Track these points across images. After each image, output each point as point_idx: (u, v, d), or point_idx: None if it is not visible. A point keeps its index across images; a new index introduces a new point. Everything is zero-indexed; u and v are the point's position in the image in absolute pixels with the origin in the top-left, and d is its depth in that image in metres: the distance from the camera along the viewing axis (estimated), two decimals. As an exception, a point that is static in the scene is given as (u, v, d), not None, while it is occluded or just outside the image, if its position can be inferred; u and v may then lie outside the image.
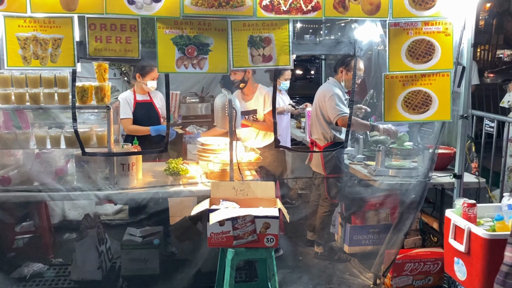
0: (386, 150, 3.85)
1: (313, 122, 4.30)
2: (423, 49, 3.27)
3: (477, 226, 2.56)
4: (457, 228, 2.66)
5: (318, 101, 4.21)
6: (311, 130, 4.37)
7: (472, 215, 2.63)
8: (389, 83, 3.35)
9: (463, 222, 2.61)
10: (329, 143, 4.16)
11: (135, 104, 4.25)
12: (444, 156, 3.89)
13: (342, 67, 4.17)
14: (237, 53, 3.08)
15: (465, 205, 2.64)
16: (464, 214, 2.64)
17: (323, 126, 4.18)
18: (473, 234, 2.53)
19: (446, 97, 3.32)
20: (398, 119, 3.43)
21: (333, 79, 4.26)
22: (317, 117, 4.22)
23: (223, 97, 3.48)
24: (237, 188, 3.19)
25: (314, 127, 4.29)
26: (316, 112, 4.24)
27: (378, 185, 3.69)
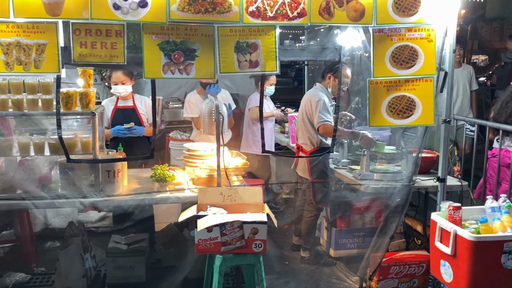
0: (371, 154, 3.89)
1: (299, 127, 4.32)
2: (407, 55, 3.30)
3: (462, 229, 2.60)
4: (443, 230, 2.69)
5: (305, 107, 4.23)
6: (297, 135, 4.39)
7: (457, 218, 2.67)
8: (373, 88, 3.37)
9: (449, 225, 2.64)
10: (315, 148, 4.18)
11: (114, 110, 4.17)
12: (427, 160, 3.94)
13: (330, 74, 4.19)
14: (224, 59, 3.07)
15: (451, 208, 2.68)
16: (450, 217, 2.68)
17: (309, 131, 4.19)
18: (459, 237, 2.57)
19: (429, 102, 3.36)
20: (382, 124, 3.45)
21: (320, 85, 4.28)
22: (304, 122, 4.23)
23: (209, 102, 3.46)
24: (225, 193, 3.17)
25: (300, 132, 4.30)
26: (302, 117, 4.26)
27: (364, 189, 3.72)
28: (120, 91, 4.11)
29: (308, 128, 4.20)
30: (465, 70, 5.98)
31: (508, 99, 3.95)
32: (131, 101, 4.25)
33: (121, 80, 4.09)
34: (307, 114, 4.19)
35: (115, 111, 4.18)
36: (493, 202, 2.79)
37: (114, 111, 4.18)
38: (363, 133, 3.97)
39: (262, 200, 3.19)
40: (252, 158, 5.07)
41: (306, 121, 4.20)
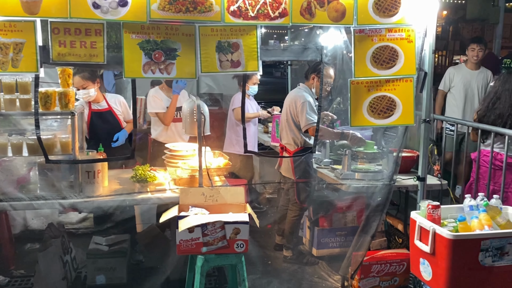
0: (352, 154, 3.91)
1: (283, 128, 4.32)
2: (387, 55, 3.32)
3: (441, 227, 2.63)
4: (422, 229, 2.72)
5: (289, 107, 4.23)
6: (281, 135, 4.39)
7: (436, 216, 2.70)
8: (354, 88, 3.39)
9: (428, 224, 2.67)
10: (299, 148, 4.19)
11: (89, 114, 4.08)
12: (408, 159, 3.98)
13: (314, 74, 4.21)
14: (205, 58, 3.06)
15: (430, 207, 2.71)
16: (429, 215, 2.71)
17: (293, 131, 4.20)
18: (437, 235, 2.60)
19: (410, 102, 3.39)
20: (364, 123, 3.46)
21: (304, 85, 4.29)
22: (288, 122, 4.24)
23: (191, 102, 3.45)
24: (207, 194, 3.16)
25: (284, 132, 4.31)
26: (286, 117, 4.26)
27: (345, 188, 3.74)
28: (81, 96, 3.96)
29: (292, 128, 4.20)
30: (482, 74, 5.44)
31: (494, 100, 4.00)
32: (105, 102, 4.17)
33: (80, 84, 3.95)
34: (291, 114, 4.19)
35: (90, 115, 4.09)
36: (471, 201, 2.83)
37: (90, 115, 4.09)
38: (352, 133, 4.01)
39: (244, 200, 3.19)
40: (235, 158, 5.07)
41: (291, 122, 4.20)
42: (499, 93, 3.97)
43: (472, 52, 5.34)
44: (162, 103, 4.39)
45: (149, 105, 4.46)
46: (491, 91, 4.14)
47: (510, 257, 2.56)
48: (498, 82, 4.03)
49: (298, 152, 4.15)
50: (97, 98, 4.10)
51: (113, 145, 4.01)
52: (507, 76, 4.00)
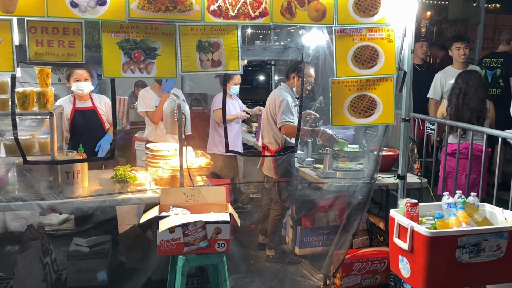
0: (334, 153, 3.94)
1: (265, 127, 4.34)
2: (368, 55, 3.34)
3: (419, 225, 2.66)
4: (401, 227, 2.75)
5: (269, 106, 4.25)
6: (263, 134, 4.41)
7: (414, 214, 2.73)
8: (336, 88, 3.41)
9: (406, 221, 2.70)
10: (280, 147, 4.21)
11: (73, 111, 4.07)
12: (388, 158, 4.02)
13: (294, 73, 4.23)
14: (186, 58, 3.05)
15: (408, 204, 2.74)
16: (407, 213, 2.74)
17: (274, 130, 4.22)
18: (415, 233, 2.63)
19: (390, 101, 3.42)
20: (345, 123, 3.48)
21: (284, 84, 4.31)
22: (268, 121, 4.26)
23: (172, 101, 3.44)
24: (188, 194, 3.16)
25: (266, 131, 4.32)
26: (267, 116, 4.28)
27: (327, 187, 3.76)
28: (83, 87, 4.00)
29: (272, 127, 4.22)
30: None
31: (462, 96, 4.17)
32: (90, 101, 4.15)
33: (84, 76, 4.00)
34: (271, 113, 4.22)
35: (74, 112, 4.08)
36: (449, 198, 2.87)
37: (73, 113, 4.08)
38: (323, 129, 4.02)
39: (225, 199, 3.19)
40: (218, 158, 5.07)
41: (271, 121, 4.22)
42: (464, 90, 4.30)
43: (457, 52, 5.15)
44: (151, 102, 4.41)
45: (139, 105, 4.49)
46: (454, 89, 4.42)
47: (486, 253, 2.60)
48: (460, 80, 4.37)
49: (280, 151, 4.17)
50: (84, 95, 4.08)
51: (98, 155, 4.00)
52: (469, 75, 4.36)
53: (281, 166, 4.16)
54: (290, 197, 4.23)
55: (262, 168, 4.42)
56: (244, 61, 3.38)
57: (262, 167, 4.40)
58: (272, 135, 4.23)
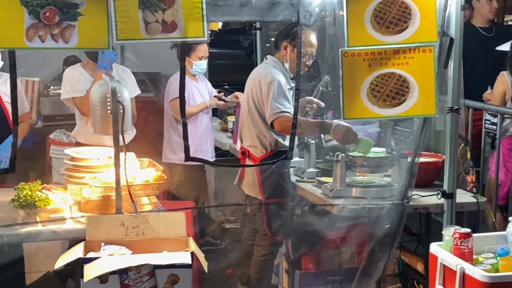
0: (348, 160, 3.94)
1: (245, 123, 4.31)
2: (395, 13, 3.37)
3: (473, 266, 2.66)
4: (446, 268, 2.75)
5: (252, 91, 4.21)
6: (242, 133, 4.38)
7: (466, 249, 2.73)
8: (349, 63, 3.43)
9: (455, 260, 2.70)
10: (269, 153, 4.19)
11: None
12: (429, 166, 4.03)
13: (286, 41, 4.19)
14: (123, 19, 3.07)
15: (456, 236, 2.74)
16: (456, 248, 2.74)
17: (259, 127, 4.19)
18: (468, 277, 2.62)
19: (429, 83, 3.45)
20: (362, 115, 3.52)
21: (273, 58, 4.29)
22: (250, 114, 4.22)
23: (102, 85, 3.44)
24: (128, 224, 3.18)
25: (247, 129, 4.29)
26: (248, 107, 4.24)
27: (338, 211, 3.76)
28: None
29: (257, 122, 4.19)
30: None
31: None
32: None
33: None
34: (255, 102, 4.18)
35: None
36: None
37: None
38: (336, 122, 4.00)
39: (185, 232, 3.21)
40: (177, 169, 5.05)
41: (254, 113, 4.19)
42: None
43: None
44: (80, 85, 4.43)
45: (63, 89, 4.52)
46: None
47: None
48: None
49: (267, 158, 4.14)
50: None
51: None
52: None
53: (269, 181, 4.14)
54: (283, 227, 4.21)
55: (241, 184, 4.39)
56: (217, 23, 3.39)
57: (242, 183, 4.38)
58: (256, 135, 4.20)
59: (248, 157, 4.29)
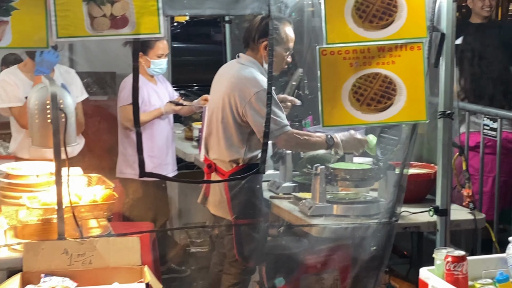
0: (328, 173, 3.94)
1: (213, 132, 4.25)
2: (379, 5, 3.38)
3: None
4: (438, 297, 2.75)
5: (230, 98, 4.12)
6: (208, 143, 4.33)
7: (460, 275, 2.71)
8: (328, 62, 3.43)
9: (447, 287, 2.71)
10: (239, 167, 4.16)
11: None
12: (420, 179, 4.07)
13: (265, 40, 4.11)
14: (65, 13, 3.05)
15: (449, 259, 2.73)
16: (448, 274, 2.72)
17: (232, 139, 4.14)
18: (463, 307, 2.63)
19: (418, 84, 3.46)
20: (344, 122, 3.52)
21: (248, 57, 4.23)
22: (224, 124, 4.15)
23: (41, 90, 3.39)
24: (72, 251, 3.12)
25: (215, 140, 4.25)
26: (223, 115, 4.16)
27: (317, 232, 3.76)
28: None
29: (231, 134, 4.13)
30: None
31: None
32: None
33: None
34: (233, 111, 4.08)
35: None
36: (520, 247, 2.89)
37: None
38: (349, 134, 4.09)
39: (139, 259, 3.17)
40: (132, 186, 5.04)
41: (230, 123, 4.11)
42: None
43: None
44: (18, 92, 4.45)
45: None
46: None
47: None
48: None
49: (238, 172, 4.12)
50: None
51: None
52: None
53: (239, 199, 4.12)
54: (256, 252, 4.19)
55: (206, 203, 4.37)
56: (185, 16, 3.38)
57: (207, 202, 4.36)
58: (228, 148, 4.15)
59: (215, 171, 4.27)
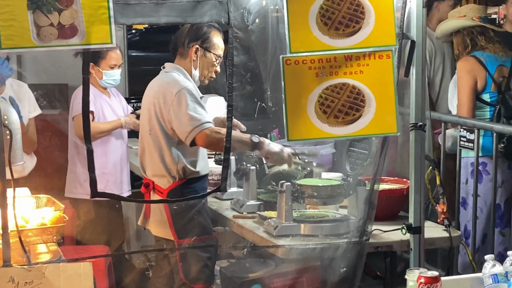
0: (295, 189, 3.94)
1: (145, 147, 4.29)
2: (346, 12, 3.40)
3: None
4: (411, 322, 2.76)
5: (155, 107, 4.17)
6: (143, 161, 4.34)
7: (433, 297, 2.75)
8: (292, 72, 3.45)
9: (420, 310, 2.71)
10: (178, 182, 4.17)
11: None
12: (392, 195, 4.09)
13: (195, 44, 4.21)
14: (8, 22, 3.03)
15: (422, 280, 2.73)
16: (421, 296, 2.76)
17: (163, 150, 4.17)
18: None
19: (388, 94, 3.48)
20: (310, 135, 3.53)
21: (174, 65, 4.31)
22: (153, 136, 4.20)
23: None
24: (19, 279, 3.09)
25: (148, 155, 4.28)
26: (150, 127, 4.21)
27: (284, 253, 3.76)
28: None
29: (161, 145, 4.15)
30: None
31: None
32: None
33: None
34: (159, 120, 4.13)
35: None
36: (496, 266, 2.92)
37: None
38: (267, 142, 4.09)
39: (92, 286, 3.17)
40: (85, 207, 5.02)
41: (158, 134, 4.15)
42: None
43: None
44: None
45: None
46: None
47: None
48: None
49: (177, 188, 4.16)
50: None
51: None
52: None
53: (183, 218, 4.15)
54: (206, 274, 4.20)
55: (147, 223, 4.37)
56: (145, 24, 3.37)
57: (147, 223, 4.36)
58: (161, 161, 4.17)
59: (153, 189, 4.27)
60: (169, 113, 4.09)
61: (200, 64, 4.26)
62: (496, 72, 5.10)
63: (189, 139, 4.03)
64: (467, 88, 5.04)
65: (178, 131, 4.07)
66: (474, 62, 5.09)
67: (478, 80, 5.07)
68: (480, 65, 5.08)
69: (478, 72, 5.07)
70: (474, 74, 5.07)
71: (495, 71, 5.10)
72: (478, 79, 5.07)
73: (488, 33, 5.18)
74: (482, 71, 5.07)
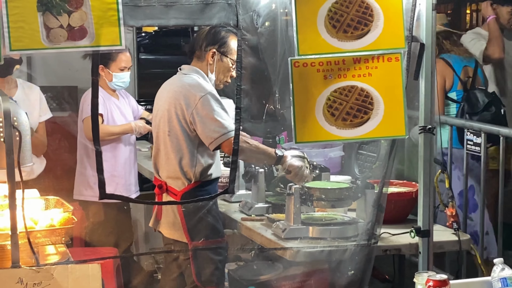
0: (303, 192, 3.94)
1: (161, 148, 4.25)
2: (354, 14, 3.41)
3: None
4: (419, 326, 2.76)
5: (176, 108, 4.14)
6: (157, 163, 4.29)
7: (441, 301, 2.74)
8: (300, 74, 3.45)
9: (429, 314, 2.71)
10: (192, 185, 4.14)
11: None
12: (400, 198, 4.08)
13: (213, 48, 4.18)
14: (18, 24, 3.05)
15: (430, 284, 2.73)
16: (430, 300, 2.75)
17: (183, 152, 4.13)
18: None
19: (397, 97, 3.49)
20: (318, 138, 3.53)
21: (191, 67, 4.26)
22: (172, 137, 4.16)
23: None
24: (28, 280, 3.09)
25: (163, 156, 4.23)
26: (169, 127, 4.17)
27: (292, 256, 3.76)
28: None
29: (180, 147, 4.12)
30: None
31: None
32: None
33: None
34: (180, 121, 4.09)
35: None
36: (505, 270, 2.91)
37: None
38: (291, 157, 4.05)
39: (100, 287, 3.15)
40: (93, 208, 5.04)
41: (178, 135, 4.11)
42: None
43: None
44: None
45: None
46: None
47: None
48: None
49: (191, 191, 4.12)
50: None
51: None
52: None
53: (196, 220, 4.12)
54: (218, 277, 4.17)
55: (158, 225, 4.33)
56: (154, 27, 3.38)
57: (159, 225, 4.33)
58: (178, 163, 4.12)
59: (166, 191, 4.24)
60: (193, 116, 4.07)
61: (216, 68, 4.23)
62: (462, 72, 5.68)
63: (214, 144, 4.02)
64: (438, 88, 5.20)
65: (203, 136, 4.05)
66: (442, 64, 5.71)
67: (447, 80, 5.66)
68: (448, 66, 5.70)
69: (447, 73, 5.68)
70: (443, 74, 5.64)
71: (461, 71, 5.68)
72: (446, 79, 5.66)
73: (452, 37, 5.91)
74: (450, 72, 5.68)
